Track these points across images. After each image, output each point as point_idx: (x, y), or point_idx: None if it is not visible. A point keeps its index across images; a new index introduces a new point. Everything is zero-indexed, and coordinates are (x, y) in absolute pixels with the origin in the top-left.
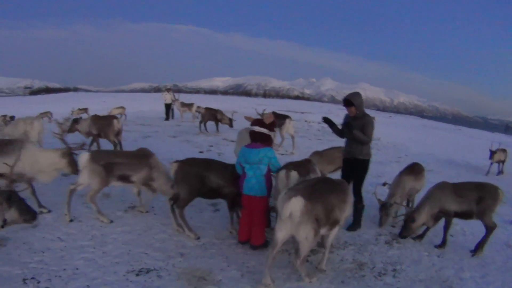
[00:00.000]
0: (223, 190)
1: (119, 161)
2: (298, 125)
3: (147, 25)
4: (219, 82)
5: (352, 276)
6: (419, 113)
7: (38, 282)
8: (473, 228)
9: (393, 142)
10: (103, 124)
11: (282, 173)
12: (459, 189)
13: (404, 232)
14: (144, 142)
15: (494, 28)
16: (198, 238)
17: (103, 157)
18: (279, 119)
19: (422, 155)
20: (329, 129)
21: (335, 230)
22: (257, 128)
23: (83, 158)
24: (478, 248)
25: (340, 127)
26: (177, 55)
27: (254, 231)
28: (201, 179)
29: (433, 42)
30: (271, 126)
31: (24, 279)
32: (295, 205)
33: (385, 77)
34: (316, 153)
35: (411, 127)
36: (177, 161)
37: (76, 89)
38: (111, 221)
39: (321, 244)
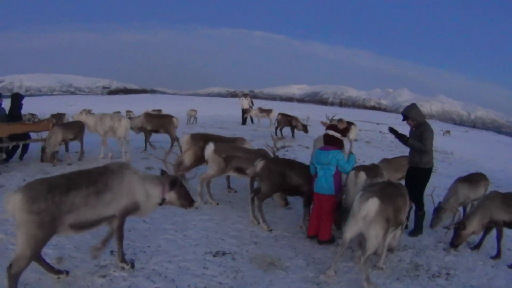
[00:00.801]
0: (301, 188)
1: (239, 155)
2: (373, 135)
3: (225, 30)
4: (296, 89)
5: (407, 275)
6: (497, 128)
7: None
8: None
9: (465, 157)
10: (163, 122)
11: (352, 173)
12: (508, 198)
13: (455, 240)
14: None
15: None
16: (271, 230)
17: (225, 150)
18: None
19: (493, 171)
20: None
21: (396, 231)
22: (331, 132)
23: (209, 149)
24: None
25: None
26: (254, 61)
27: (322, 227)
28: (283, 177)
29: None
30: (343, 132)
31: (111, 251)
32: (371, 206)
33: (464, 89)
34: (384, 160)
35: (487, 142)
36: (263, 159)
37: (153, 91)
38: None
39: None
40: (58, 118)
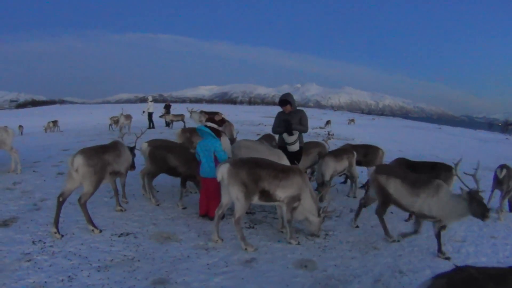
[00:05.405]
0: (178, 169)
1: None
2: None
3: (131, 35)
4: (205, 90)
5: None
6: (404, 114)
7: (44, 243)
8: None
9: (367, 142)
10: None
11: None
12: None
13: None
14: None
15: (479, 30)
16: (158, 204)
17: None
18: (210, 115)
19: (392, 152)
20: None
21: (284, 207)
22: (209, 124)
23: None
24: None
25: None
26: (162, 64)
27: (211, 206)
28: (164, 159)
29: (419, 43)
30: (220, 122)
31: (33, 241)
32: (222, 170)
33: (371, 80)
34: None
35: (392, 128)
36: (147, 143)
37: (61, 102)
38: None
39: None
40: None
